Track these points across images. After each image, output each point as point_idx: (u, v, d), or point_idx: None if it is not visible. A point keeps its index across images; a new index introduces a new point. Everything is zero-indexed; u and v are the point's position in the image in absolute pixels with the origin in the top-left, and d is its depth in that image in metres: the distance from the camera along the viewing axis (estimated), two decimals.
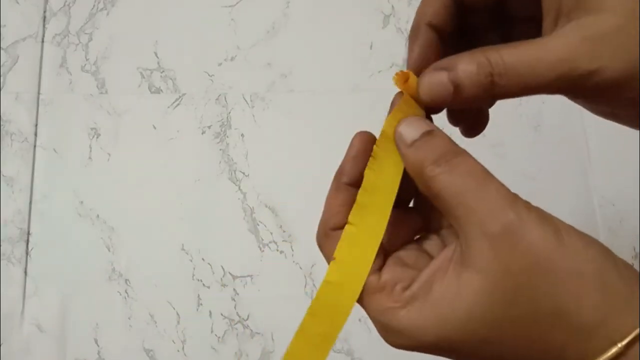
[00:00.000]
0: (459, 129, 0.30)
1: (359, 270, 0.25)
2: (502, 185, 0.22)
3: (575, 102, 0.26)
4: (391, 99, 0.29)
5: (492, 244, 0.21)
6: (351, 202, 0.26)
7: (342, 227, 0.26)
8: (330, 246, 0.26)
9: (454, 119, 0.29)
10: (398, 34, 0.64)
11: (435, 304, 0.22)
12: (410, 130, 0.24)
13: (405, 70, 0.25)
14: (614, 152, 0.58)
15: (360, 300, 0.26)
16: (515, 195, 0.22)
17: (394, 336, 0.24)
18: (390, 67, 0.63)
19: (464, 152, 0.23)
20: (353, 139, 0.28)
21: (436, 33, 0.26)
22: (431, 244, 0.26)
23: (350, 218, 0.25)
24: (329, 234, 0.27)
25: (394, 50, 0.63)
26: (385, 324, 0.24)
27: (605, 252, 0.21)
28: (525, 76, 0.22)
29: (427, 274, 0.23)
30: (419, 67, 0.26)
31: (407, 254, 0.26)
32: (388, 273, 0.25)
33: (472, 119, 0.29)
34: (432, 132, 0.23)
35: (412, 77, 0.25)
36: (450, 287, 0.22)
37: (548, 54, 0.22)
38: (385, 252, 0.26)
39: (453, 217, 0.22)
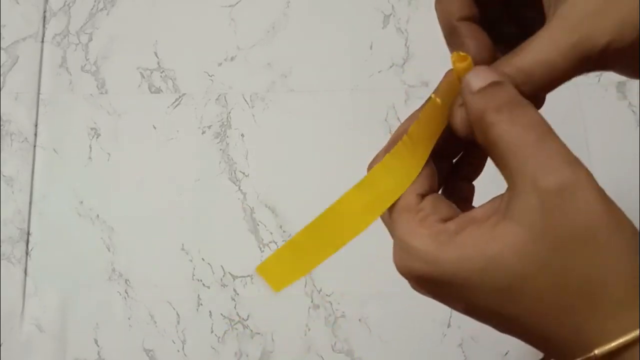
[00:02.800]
0: None
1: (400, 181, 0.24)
2: (564, 145, 0.22)
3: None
4: (391, 98, 0.29)
5: (542, 200, 0.20)
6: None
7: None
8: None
9: None
10: (398, 34, 0.64)
11: (462, 245, 0.22)
12: (478, 79, 0.23)
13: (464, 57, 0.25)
14: (614, 152, 0.58)
15: (391, 215, 0.25)
16: (577, 158, 0.21)
17: (411, 258, 0.23)
18: (390, 67, 0.63)
19: (528, 105, 0.22)
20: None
21: (474, 22, 0.26)
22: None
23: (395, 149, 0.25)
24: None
25: (394, 50, 0.63)
26: (407, 243, 0.23)
27: None
28: (547, 73, 0.22)
29: (465, 216, 0.23)
30: (480, 58, 0.25)
31: (449, 202, 0.26)
32: (429, 202, 0.24)
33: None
34: (500, 83, 0.23)
35: (468, 63, 0.24)
36: (484, 235, 0.22)
37: (558, 44, 0.22)
38: (433, 187, 0.25)
39: (507, 168, 0.22)
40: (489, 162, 0.24)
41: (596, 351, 0.20)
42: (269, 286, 0.24)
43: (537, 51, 0.23)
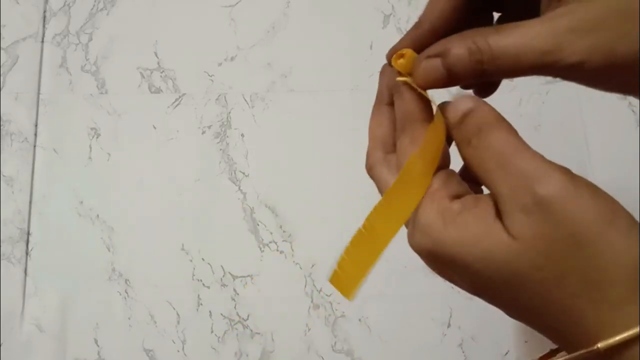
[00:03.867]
0: (472, 91, 0.31)
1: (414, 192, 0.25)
2: (537, 157, 0.22)
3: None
4: None
5: (523, 217, 0.21)
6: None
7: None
8: (388, 172, 0.27)
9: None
10: (398, 34, 0.64)
11: (464, 228, 0.23)
12: (454, 111, 0.25)
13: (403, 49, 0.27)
14: (614, 152, 0.58)
15: None
16: (552, 166, 0.22)
17: (419, 234, 0.24)
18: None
19: (498, 127, 0.23)
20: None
21: (453, 5, 0.27)
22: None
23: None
24: (384, 158, 0.28)
25: None
26: (415, 217, 0.24)
27: None
28: (512, 64, 0.23)
29: (470, 199, 0.24)
30: (430, 38, 0.27)
31: (461, 181, 0.26)
32: (439, 177, 0.25)
33: (481, 84, 0.30)
34: (471, 112, 0.24)
35: (409, 53, 0.26)
36: (483, 224, 0.22)
37: (533, 42, 0.23)
38: (444, 164, 0.26)
39: (490, 190, 0.23)
40: None
41: (599, 344, 0.20)
42: (344, 296, 0.25)
43: (514, 39, 0.23)
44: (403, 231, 0.26)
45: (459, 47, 0.24)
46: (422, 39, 0.27)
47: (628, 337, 0.20)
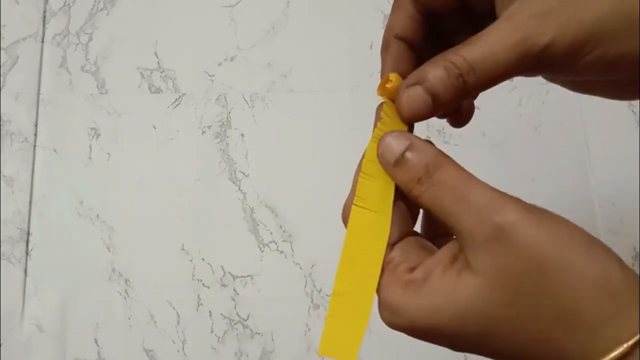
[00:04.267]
0: (447, 121, 0.30)
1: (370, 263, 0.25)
2: (487, 189, 0.22)
3: (548, 79, 0.27)
4: None
5: (485, 249, 0.21)
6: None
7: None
8: None
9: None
10: None
11: (431, 294, 0.23)
12: (390, 150, 0.24)
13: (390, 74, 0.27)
14: (614, 152, 0.58)
15: None
16: (502, 196, 0.22)
17: (390, 313, 0.24)
18: None
19: (444, 163, 0.23)
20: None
21: (406, 44, 0.28)
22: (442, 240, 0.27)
23: (356, 201, 0.26)
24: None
25: None
26: (384, 298, 0.24)
27: (608, 252, 0.21)
28: (490, 67, 0.23)
29: (429, 262, 0.24)
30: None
31: (423, 240, 0.26)
32: (399, 250, 0.25)
33: (456, 112, 0.30)
34: (412, 147, 0.24)
35: (395, 80, 0.26)
36: (449, 282, 0.22)
37: (503, 39, 0.23)
38: (404, 231, 0.26)
39: (449, 226, 0.23)
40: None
41: None
42: None
43: (483, 44, 0.23)
44: None
45: (435, 69, 0.24)
46: (397, 57, 0.27)
47: (613, 358, 0.20)
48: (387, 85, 0.26)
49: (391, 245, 0.25)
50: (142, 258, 0.58)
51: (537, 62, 0.23)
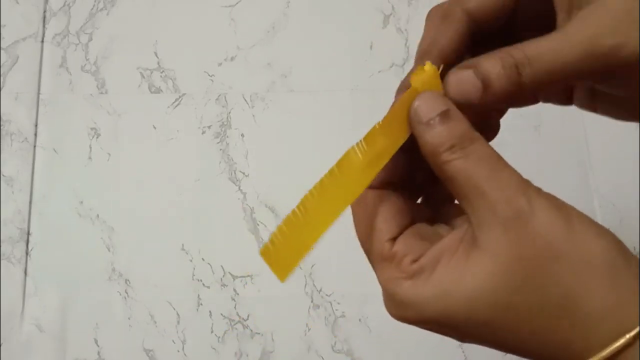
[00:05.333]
0: None
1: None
2: (515, 171, 0.22)
3: (599, 86, 0.26)
4: (391, 98, 0.28)
5: (503, 229, 0.21)
6: None
7: (378, 187, 0.26)
8: (358, 210, 0.27)
9: None
10: (398, 34, 0.64)
11: (440, 280, 0.22)
12: (427, 107, 0.23)
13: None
14: (614, 152, 0.58)
15: (373, 266, 0.26)
16: (528, 182, 0.22)
17: (397, 307, 0.24)
18: (390, 67, 0.63)
19: (479, 138, 0.23)
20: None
21: (469, 23, 0.26)
22: (444, 228, 0.26)
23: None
24: None
25: (394, 50, 0.63)
26: (391, 293, 0.24)
27: (617, 244, 0.21)
28: (550, 61, 0.22)
29: (436, 249, 0.23)
30: (440, 54, 0.25)
31: (425, 229, 0.26)
32: (401, 243, 0.24)
33: (481, 130, 0.30)
34: (449, 113, 0.23)
35: (430, 68, 0.24)
36: (458, 266, 0.22)
37: (570, 37, 0.22)
38: (403, 224, 0.25)
39: (466, 201, 0.22)
40: None
41: None
42: (275, 275, 0.25)
43: (546, 43, 0.23)
44: None
45: (489, 57, 0.23)
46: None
47: (615, 349, 0.20)
48: (424, 68, 0.24)
49: (392, 240, 0.25)
50: (142, 258, 0.58)
51: (602, 63, 0.22)
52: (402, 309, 0.24)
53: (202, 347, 0.56)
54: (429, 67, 0.24)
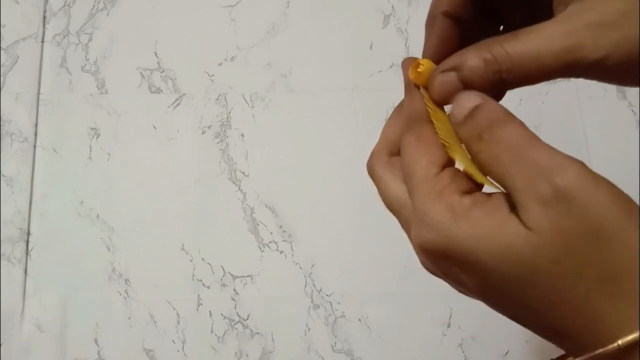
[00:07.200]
0: None
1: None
2: (551, 149, 0.22)
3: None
4: (391, 98, 0.29)
5: (542, 208, 0.20)
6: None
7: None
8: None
9: None
10: (398, 34, 0.64)
11: (478, 221, 0.21)
12: (460, 108, 0.24)
13: (420, 59, 0.26)
14: (614, 152, 0.58)
15: (410, 184, 0.25)
16: (568, 158, 0.22)
17: (427, 230, 0.22)
18: (390, 67, 0.63)
19: (508, 121, 0.23)
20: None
21: (453, 21, 0.26)
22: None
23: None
24: (388, 160, 0.27)
25: (394, 50, 0.63)
26: (424, 213, 0.23)
27: None
28: (532, 68, 0.23)
29: (482, 196, 0.23)
30: (435, 57, 0.26)
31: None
32: (447, 173, 0.24)
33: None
34: (479, 107, 0.23)
35: (426, 65, 0.26)
36: (499, 217, 0.21)
37: (552, 43, 0.22)
38: (451, 162, 0.25)
39: (503, 186, 0.22)
40: None
41: (619, 342, 0.19)
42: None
43: (531, 42, 0.23)
44: (401, 232, 0.26)
45: (474, 58, 0.24)
46: (442, 34, 0.26)
47: None
48: (419, 70, 0.26)
49: (441, 167, 0.24)
50: (142, 258, 0.58)
51: (583, 72, 0.23)
52: (430, 233, 0.22)
53: (202, 347, 0.56)
54: (425, 62, 0.26)
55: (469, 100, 0.24)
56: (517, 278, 0.21)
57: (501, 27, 0.29)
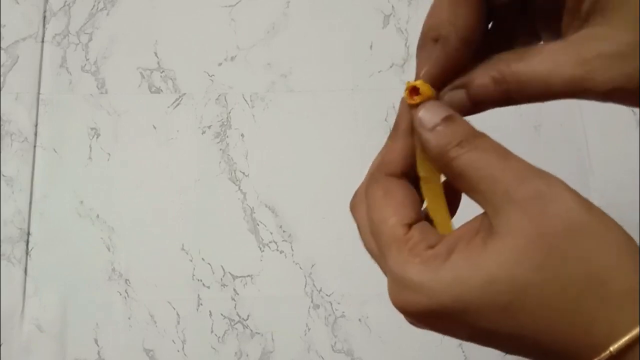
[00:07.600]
0: None
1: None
2: (526, 161, 0.22)
3: None
4: (391, 98, 0.29)
5: (522, 208, 0.21)
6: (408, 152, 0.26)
7: (397, 175, 0.26)
8: (376, 190, 0.26)
9: None
10: (398, 34, 0.64)
11: (456, 265, 0.22)
12: (430, 115, 0.24)
13: (413, 81, 0.26)
14: (614, 153, 0.58)
15: (381, 248, 0.25)
16: (542, 169, 0.22)
17: (407, 292, 0.22)
18: (390, 67, 0.63)
19: (484, 134, 0.23)
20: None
21: (462, 42, 0.25)
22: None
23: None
24: (379, 178, 0.27)
25: (394, 50, 0.63)
26: (401, 276, 0.23)
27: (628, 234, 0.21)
28: (540, 91, 0.23)
29: (452, 237, 0.23)
30: (435, 79, 0.25)
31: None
32: (417, 230, 0.24)
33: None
34: (452, 117, 0.24)
35: (424, 89, 0.25)
36: (474, 252, 0.21)
37: (563, 69, 0.22)
38: (419, 214, 0.25)
39: (479, 193, 0.22)
40: None
41: (611, 348, 0.19)
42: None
43: (540, 65, 0.23)
44: None
45: (483, 77, 0.24)
46: (450, 60, 0.25)
47: (638, 334, 0.19)
48: (415, 98, 0.25)
49: (408, 225, 0.24)
50: (142, 258, 0.58)
51: (592, 99, 0.23)
52: (410, 294, 0.22)
53: (202, 347, 0.56)
54: (425, 88, 0.25)
55: (441, 109, 0.24)
56: (505, 309, 0.21)
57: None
